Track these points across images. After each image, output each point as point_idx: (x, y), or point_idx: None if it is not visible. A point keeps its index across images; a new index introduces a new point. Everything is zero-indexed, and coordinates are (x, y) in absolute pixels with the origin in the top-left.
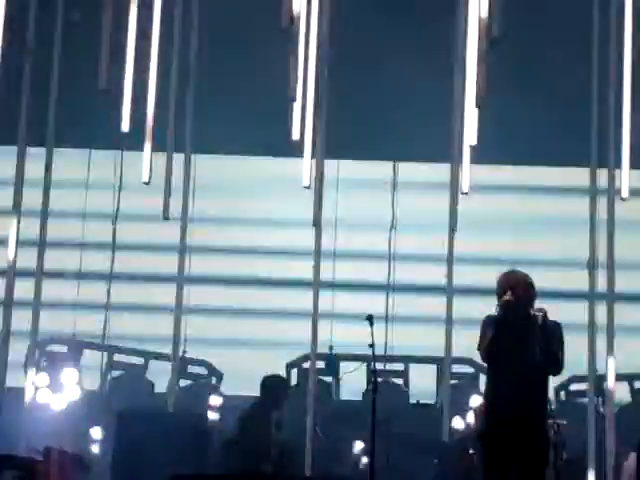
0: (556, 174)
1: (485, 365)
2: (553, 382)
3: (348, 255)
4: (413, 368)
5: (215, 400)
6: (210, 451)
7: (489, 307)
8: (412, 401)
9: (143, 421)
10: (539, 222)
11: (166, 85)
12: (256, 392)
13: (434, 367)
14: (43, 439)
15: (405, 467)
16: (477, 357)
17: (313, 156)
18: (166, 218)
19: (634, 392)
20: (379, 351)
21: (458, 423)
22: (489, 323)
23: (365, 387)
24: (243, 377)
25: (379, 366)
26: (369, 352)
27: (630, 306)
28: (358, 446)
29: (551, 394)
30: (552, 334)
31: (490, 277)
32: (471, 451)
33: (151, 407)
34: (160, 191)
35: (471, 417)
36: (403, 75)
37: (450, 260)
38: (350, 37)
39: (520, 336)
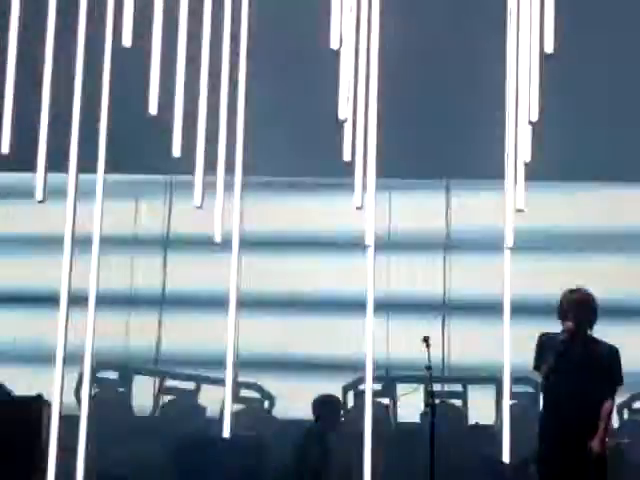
0: None
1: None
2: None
3: (402, 276)
4: (472, 389)
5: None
6: (267, 477)
7: (547, 326)
8: (471, 422)
9: (202, 447)
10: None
11: (216, 109)
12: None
13: (493, 387)
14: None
15: None
16: (536, 375)
17: (364, 176)
18: (216, 243)
19: None
20: (436, 372)
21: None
22: (547, 345)
23: (423, 409)
24: (296, 400)
25: (437, 387)
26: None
27: None
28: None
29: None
30: (610, 364)
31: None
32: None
33: (206, 432)
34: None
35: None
36: (455, 92)
37: (506, 278)
38: (399, 56)
39: (580, 365)
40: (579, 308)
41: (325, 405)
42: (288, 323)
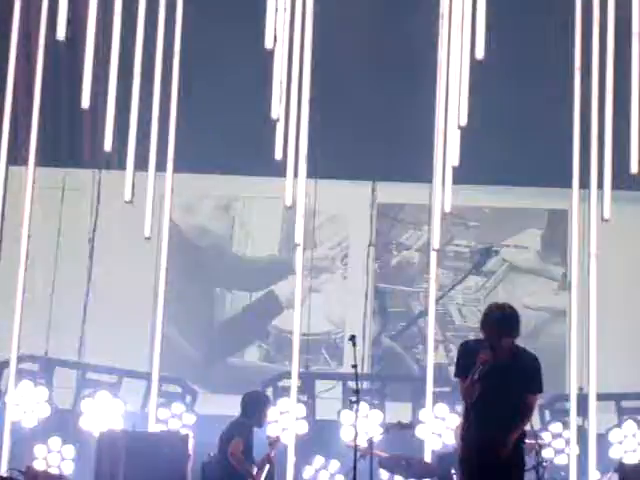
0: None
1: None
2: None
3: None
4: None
5: (189, 419)
6: (191, 472)
7: None
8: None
9: (124, 440)
10: None
11: (149, 104)
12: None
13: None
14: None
15: None
16: None
17: (295, 175)
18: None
19: (620, 411)
20: None
21: (436, 443)
22: (467, 354)
23: (340, 407)
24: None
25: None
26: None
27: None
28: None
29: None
30: (529, 375)
31: None
32: (453, 471)
33: (130, 427)
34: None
35: (450, 436)
36: (384, 95)
37: (431, 279)
38: (331, 57)
39: (499, 380)
40: (500, 323)
41: (252, 399)
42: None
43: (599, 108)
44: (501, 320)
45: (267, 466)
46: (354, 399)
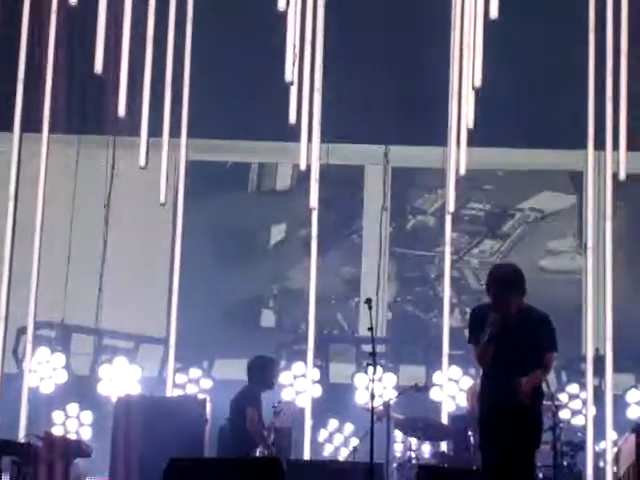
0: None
1: None
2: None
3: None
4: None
5: (206, 384)
6: (208, 436)
7: None
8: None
9: (142, 406)
10: None
11: (161, 70)
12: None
13: None
14: (38, 424)
15: None
16: None
17: (309, 140)
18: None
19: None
20: None
21: (449, 406)
22: (478, 319)
23: (355, 370)
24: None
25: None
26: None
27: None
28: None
29: (551, 376)
30: (540, 333)
31: None
32: (470, 432)
33: (147, 392)
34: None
35: (463, 399)
36: (399, 58)
37: (447, 244)
38: (346, 20)
39: (511, 340)
40: (502, 283)
41: (259, 364)
42: None
43: (614, 69)
44: (504, 279)
45: (272, 435)
46: (369, 362)
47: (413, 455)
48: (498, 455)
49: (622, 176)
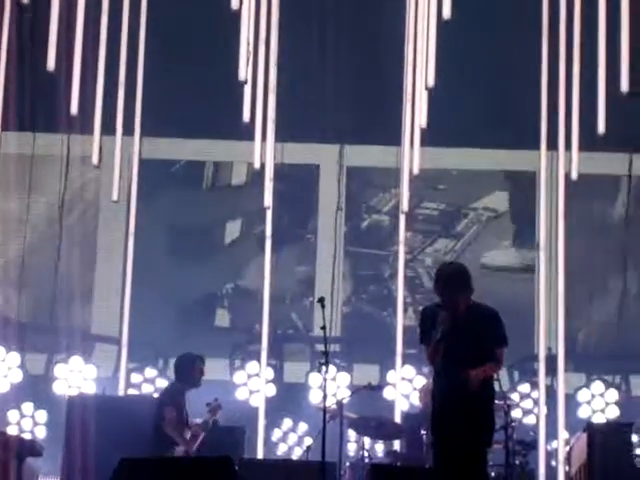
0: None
1: None
2: (506, 362)
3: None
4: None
5: (162, 383)
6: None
7: None
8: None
9: (94, 405)
10: None
11: (115, 67)
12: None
13: None
14: None
15: None
16: None
17: (263, 139)
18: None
19: (588, 372)
20: None
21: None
22: (428, 318)
23: (308, 370)
24: None
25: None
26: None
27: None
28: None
29: (503, 373)
30: (489, 328)
31: None
32: (422, 431)
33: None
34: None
35: (416, 398)
36: (353, 58)
37: (401, 243)
38: (299, 20)
39: (461, 337)
40: (449, 281)
41: (182, 362)
42: None
43: (566, 68)
44: (450, 277)
45: (202, 433)
46: (323, 361)
47: (366, 454)
48: (450, 453)
49: (574, 176)
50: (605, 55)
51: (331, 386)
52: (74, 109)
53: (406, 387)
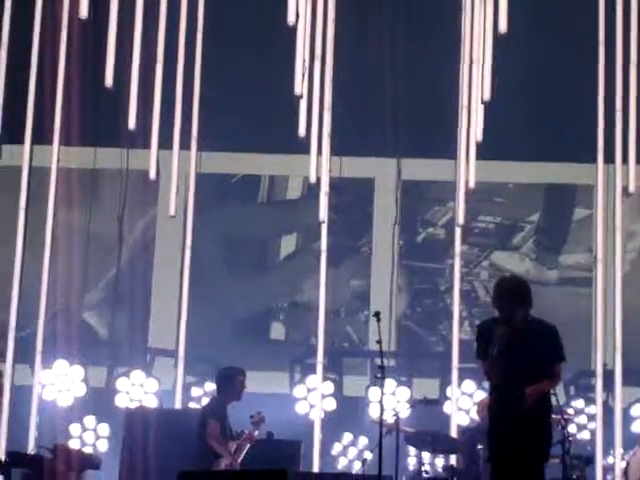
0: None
1: None
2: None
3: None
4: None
5: None
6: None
7: None
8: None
9: (152, 418)
10: None
11: (172, 83)
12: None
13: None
14: (52, 436)
15: None
16: None
17: (319, 153)
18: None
19: None
20: None
21: (462, 419)
22: (485, 334)
23: (368, 384)
24: None
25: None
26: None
27: None
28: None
29: (560, 388)
30: (547, 344)
31: None
32: (479, 446)
33: (159, 404)
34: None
35: (474, 412)
36: (408, 72)
37: (456, 257)
38: (355, 35)
39: (519, 353)
40: (504, 297)
41: (223, 375)
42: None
43: (623, 82)
44: (509, 292)
45: (247, 445)
46: (379, 375)
47: (424, 468)
48: (506, 468)
49: (632, 189)
50: None
51: (391, 400)
52: (132, 124)
53: (466, 402)
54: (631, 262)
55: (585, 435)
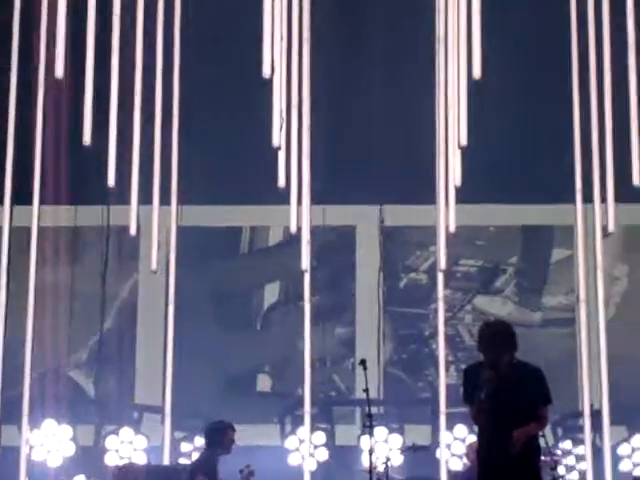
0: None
1: None
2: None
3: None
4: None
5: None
6: None
7: None
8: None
9: (140, 476)
10: None
11: (150, 138)
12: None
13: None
14: None
15: None
16: None
17: (299, 202)
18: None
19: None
20: None
21: (455, 464)
22: (471, 378)
23: (360, 432)
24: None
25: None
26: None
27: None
28: None
29: (548, 430)
30: (533, 387)
31: None
32: None
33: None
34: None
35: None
36: (385, 118)
37: (439, 299)
38: (330, 84)
39: (506, 396)
40: (490, 340)
41: (213, 429)
42: None
43: (599, 124)
44: (494, 336)
45: None
46: (368, 424)
47: None
48: None
49: (611, 228)
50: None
51: (383, 448)
52: (111, 181)
53: (458, 447)
54: (616, 306)
55: (574, 476)
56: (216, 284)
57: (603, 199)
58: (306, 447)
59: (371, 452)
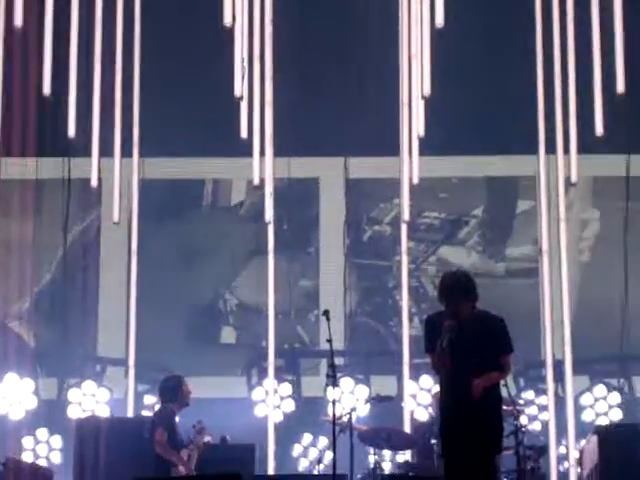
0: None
1: None
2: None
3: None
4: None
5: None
6: None
7: None
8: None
9: (103, 428)
10: None
11: (111, 90)
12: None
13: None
14: (3, 450)
15: None
16: None
17: (262, 154)
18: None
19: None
20: None
21: (422, 414)
22: (432, 327)
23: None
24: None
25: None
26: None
27: None
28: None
29: (510, 380)
30: (494, 335)
31: None
32: (433, 441)
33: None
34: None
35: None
36: (349, 70)
37: (403, 252)
38: (293, 34)
39: (467, 345)
40: (452, 290)
41: (167, 385)
42: None
43: (562, 72)
44: (455, 285)
45: (196, 454)
46: (331, 374)
47: (379, 465)
48: (458, 461)
49: (574, 179)
50: (600, 57)
51: (349, 399)
52: (72, 132)
53: (425, 397)
54: (590, 249)
55: (536, 426)
56: (179, 237)
57: (566, 150)
58: (270, 398)
59: (334, 403)
